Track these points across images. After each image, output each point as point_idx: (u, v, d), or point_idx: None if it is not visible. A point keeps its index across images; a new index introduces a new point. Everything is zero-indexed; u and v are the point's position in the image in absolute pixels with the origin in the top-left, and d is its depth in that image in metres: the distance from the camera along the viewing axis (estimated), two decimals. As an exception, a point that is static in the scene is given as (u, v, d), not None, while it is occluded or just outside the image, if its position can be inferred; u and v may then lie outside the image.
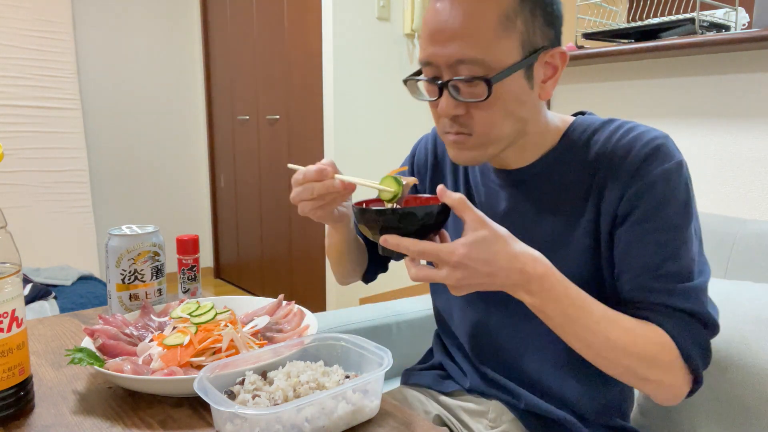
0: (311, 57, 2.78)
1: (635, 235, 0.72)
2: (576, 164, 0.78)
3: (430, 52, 0.71)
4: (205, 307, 0.81)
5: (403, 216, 0.65)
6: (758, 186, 1.54)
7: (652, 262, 0.71)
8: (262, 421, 0.59)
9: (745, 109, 1.55)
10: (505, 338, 0.85)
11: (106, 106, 3.48)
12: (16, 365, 0.65)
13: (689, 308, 0.70)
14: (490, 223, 0.65)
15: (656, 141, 0.72)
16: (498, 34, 0.68)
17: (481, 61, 0.68)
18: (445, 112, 0.73)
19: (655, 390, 0.72)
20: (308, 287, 3.05)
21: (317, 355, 0.75)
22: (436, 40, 0.70)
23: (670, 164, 0.71)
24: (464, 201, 0.65)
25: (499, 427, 0.86)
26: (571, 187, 0.78)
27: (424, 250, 0.64)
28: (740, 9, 1.55)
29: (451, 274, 0.64)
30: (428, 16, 0.72)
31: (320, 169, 0.74)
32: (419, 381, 0.98)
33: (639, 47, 1.61)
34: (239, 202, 3.67)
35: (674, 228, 0.71)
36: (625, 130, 0.76)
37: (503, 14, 0.68)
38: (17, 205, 3.07)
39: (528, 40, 0.70)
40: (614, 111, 1.83)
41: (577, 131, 0.80)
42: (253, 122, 3.40)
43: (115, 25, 3.48)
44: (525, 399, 0.83)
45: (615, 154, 0.74)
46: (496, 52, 0.69)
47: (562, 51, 0.74)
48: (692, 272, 0.71)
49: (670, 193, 0.71)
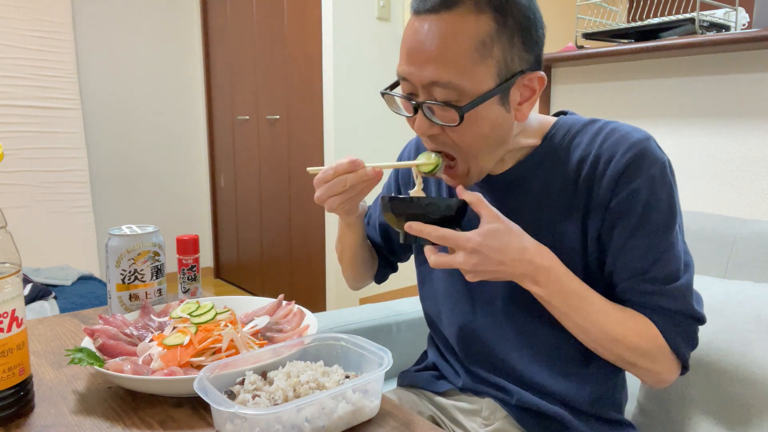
0: (311, 57, 2.78)
1: (624, 241, 0.75)
2: (558, 167, 0.79)
3: (406, 71, 0.72)
4: (205, 307, 0.81)
5: (428, 204, 0.73)
6: (758, 186, 1.54)
7: (641, 266, 0.75)
8: (262, 421, 0.59)
9: (745, 109, 1.55)
10: (493, 337, 0.86)
11: (106, 106, 3.48)
12: (16, 365, 0.66)
13: (677, 308, 0.75)
14: (503, 218, 0.72)
15: (640, 144, 0.74)
16: (474, 60, 0.68)
17: (455, 86, 0.69)
18: (421, 131, 0.75)
19: (644, 375, 0.78)
20: (308, 287, 3.05)
21: (317, 355, 0.75)
22: (413, 59, 0.71)
23: (655, 168, 0.73)
24: (481, 198, 0.72)
25: (493, 424, 0.87)
26: (555, 188, 0.79)
27: (444, 236, 0.70)
28: (740, 9, 1.55)
29: (467, 260, 0.70)
30: (407, 33, 0.72)
31: (353, 160, 0.78)
32: (414, 382, 0.99)
33: (639, 47, 1.61)
34: (239, 202, 3.67)
35: (661, 231, 0.74)
36: (607, 132, 0.77)
37: (480, 41, 0.68)
38: (17, 205, 3.07)
39: (505, 66, 0.70)
40: (614, 111, 1.83)
41: (559, 133, 0.81)
42: (253, 122, 3.40)
43: (115, 25, 3.48)
44: (516, 395, 0.84)
45: (599, 159, 0.76)
46: (470, 77, 0.69)
47: (540, 75, 0.74)
48: (679, 271, 0.75)
49: (656, 198, 0.74)
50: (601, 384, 0.84)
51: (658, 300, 0.75)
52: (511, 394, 0.85)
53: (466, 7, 0.68)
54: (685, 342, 0.76)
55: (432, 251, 0.73)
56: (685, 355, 0.77)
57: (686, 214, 1.20)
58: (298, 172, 3.04)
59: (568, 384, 0.83)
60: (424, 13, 0.70)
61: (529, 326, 0.82)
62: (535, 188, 0.81)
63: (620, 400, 0.89)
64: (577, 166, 0.78)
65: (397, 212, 0.75)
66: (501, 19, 0.68)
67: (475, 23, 0.68)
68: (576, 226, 0.78)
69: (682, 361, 0.77)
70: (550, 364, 0.83)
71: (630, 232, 0.74)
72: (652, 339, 0.74)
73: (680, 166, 1.65)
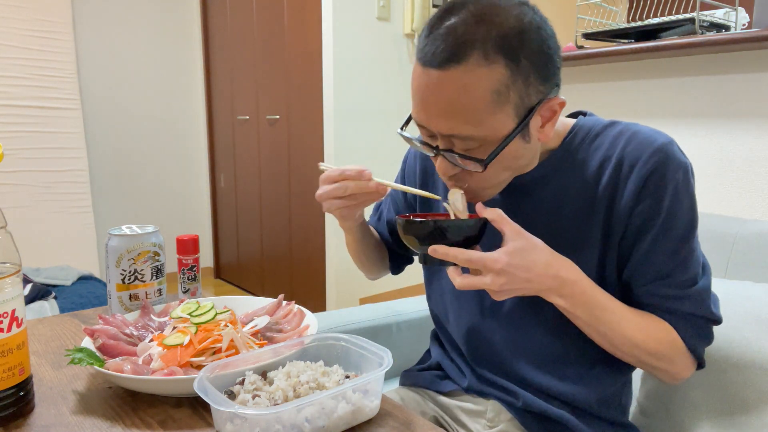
0: (311, 57, 2.78)
1: (647, 247, 0.75)
2: (578, 170, 0.78)
3: (423, 119, 0.70)
4: (205, 307, 0.81)
5: (450, 227, 0.71)
6: (758, 186, 1.54)
7: (663, 271, 0.75)
8: (262, 421, 0.59)
9: (745, 109, 1.55)
10: (499, 340, 0.86)
11: (106, 106, 3.48)
12: (16, 365, 0.65)
13: (696, 311, 0.76)
14: (525, 233, 0.71)
15: (664, 149, 0.73)
16: (490, 111, 0.66)
17: (475, 137, 0.68)
18: (443, 173, 0.75)
19: (662, 375, 0.79)
20: (308, 287, 3.05)
21: (317, 355, 0.75)
22: (428, 111, 0.69)
23: (679, 174, 0.73)
24: (502, 214, 0.71)
25: (497, 426, 0.87)
26: (575, 190, 0.78)
27: (471, 259, 0.68)
28: (740, 9, 1.55)
29: (496, 281, 0.68)
30: (416, 82, 0.69)
31: (360, 170, 0.77)
32: (417, 381, 0.99)
33: (639, 47, 1.61)
34: (239, 202, 3.67)
35: (683, 238, 0.75)
36: (629, 135, 0.76)
37: (494, 91, 0.65)
38: (17, 205, 3.07)
39: (522, 106, 0.68)
40: (614, 111, 1.83)
41: (578, 135, 0.80)
42: (253, 122, 3.40)
43: (115, 25, 3.47)
44: (522, 398, 0.84)
45: (622, 163, 0.75)
46: (489, 127, 0.67)
47: (560, 101, 0.71)
48: (698, 275, 0.77)
49: (680, 205, 0.74)
50: (606, 386, 0.84)
51: (678, 304, 0.76)
52: (517, 396, 0.84)
53: (475, 60, 0.64)
54: (702, 342, 0.78)
55: (457, 273, 0.71)
56: (701, 352, 0.79)
57: (686, 214, 1.20)
58: (298, 172, 3.04)
59: (573, 387, 0.82)
60: (429, 66, 0.66)
61: (535, 329, 0.82)
62: (553, 191, 0.79)
63: (625, 403, 0.89)
64: (598, 169, 0.77)
65: (419, 236, 0.72)
66: (513, 64, 0.65)
67: (488, 74, 0.64)
68: (596, 229, 0.77)
69: (698, 359, 0.79)
70: (556, 367, 0.83)
71: (653, 238, 0.74)
72: (671, 342, 0.76)
73: (680, 166, 1.65)
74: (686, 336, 0.76)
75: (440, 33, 0.65)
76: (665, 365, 0.77)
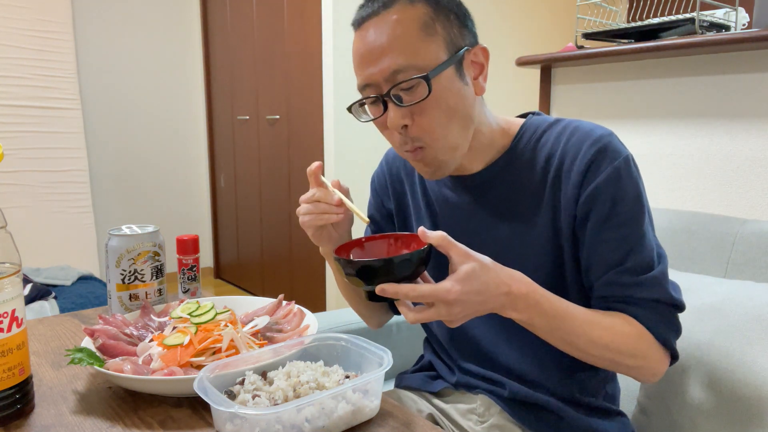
0: (311, 57, 2.78)
1: (596, 235, 0.77)
2: (528, 166, 0.82)
3: (366, 74, 0.76)
4: (205, 307, 0.81)
5: (400, 263, 0.66)
6: (758, 186, 1.54)
7: (616, 258, 0.77)
8: (262, 421, 0.59)
9: (745, 109, 1.55)
10: (480, 332, 0.88)
11: (106, 106, 3.48)
12: (16, 365, 0.66)
13: (656, 297, 0.77)
14: (474, 254, 0.69)
15: (602, 140, 0.77)
16: (422, 39, 0.74)
17: (414, 65, 0.73)
18: (395, 123, 0.76)
19: (636, 374, 0.79)
20: (308, 287, 3.05)
21: (317, 355, 0.75)
22: (369, 60, 0.75)
23: (618, 162, 0.76)
24: (446, 238, 0.68)
25: (488, 421, 0.88)
26: (525, 188, 0.82)
27: (422, 294, 0.66)
28: (740, 9, 1.55)
29: (450, 311, 0.67)
30: (356, 45, 0.78)
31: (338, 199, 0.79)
32: (410, 383, 1.00)
33: (639, 47, 1.61)
34: (239, 202, 3.67)
35: (631, 223, 0.77)
36: (570, 130, 0.80)
37: (422, 22, 0.74)
38: (17, 205, 3.07)
39: (450, 41, 0.76)
40: (614, 111, 1.83)
41: (527, 134, 0.84)
42: (253, 122, 3.40)
43: (115, 25, 3.48)
44: (509, 387, 0.86)
45: (565, 156, 0.79)
46: (425, 55, 0.74)
47: (482, 47, 0.80)
48: (653, 260, 0.77)
49: (623, 191, 0.76)
50: (589, 373, 0.85)
51: (636, 291, 0.76)
52: (504, 386, 0.86)
53: (401, 3, 0.75)
54: (669, 330, 0.78)
55: (407, 308, 0.68)
56: (672, 343, 0.79)
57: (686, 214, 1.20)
58: (298, 172, 3.04)
59: (556, 374, 0.84)
60: (366, 20, 0.76)
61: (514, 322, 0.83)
62: (506, 189, 0.83)
63: (612, 391, 0.91)
64: (545, 165, 0.81)
65: (363, 276, 0.67)
66: (434, 3, 0.76)
67: (413, 11, 0.75)
68: (549, 224, 0.80)
69: (670, 350, 0.79)
70: (538, 355, 0.84)
71: (600, 225, 0.76)
72: (638, 336, 0.76)
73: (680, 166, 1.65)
74: (651, 325, 0.76)
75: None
76: (639, 362, 0.77)
